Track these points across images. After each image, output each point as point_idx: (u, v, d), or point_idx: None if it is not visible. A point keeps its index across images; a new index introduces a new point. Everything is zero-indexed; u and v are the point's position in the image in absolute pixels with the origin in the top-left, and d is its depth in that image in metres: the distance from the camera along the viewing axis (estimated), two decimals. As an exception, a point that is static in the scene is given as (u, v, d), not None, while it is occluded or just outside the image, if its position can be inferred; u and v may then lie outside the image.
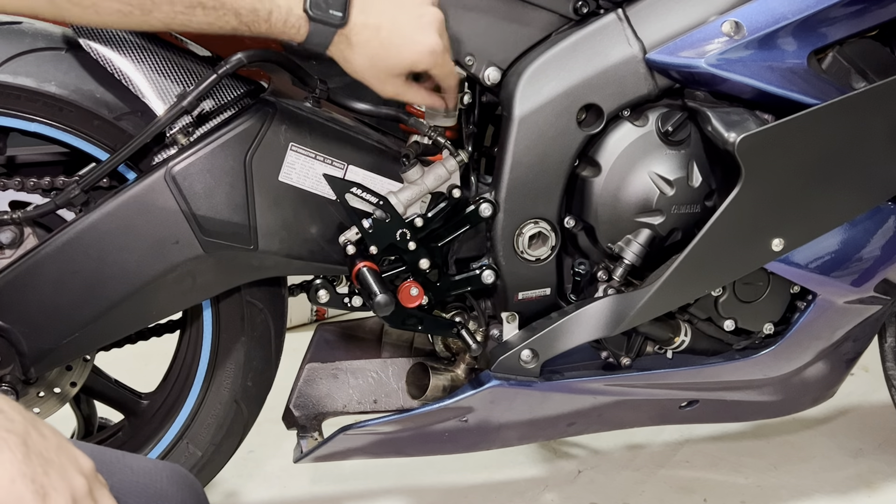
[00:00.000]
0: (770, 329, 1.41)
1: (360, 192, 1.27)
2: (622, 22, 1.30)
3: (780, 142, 1.24)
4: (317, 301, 1.34)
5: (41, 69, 1.24)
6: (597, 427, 1.49)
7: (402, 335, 1.51)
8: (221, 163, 1.23)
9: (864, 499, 1.74)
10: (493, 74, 1.30)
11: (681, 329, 1.39)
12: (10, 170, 1.34)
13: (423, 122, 1.30)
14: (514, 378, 1.33)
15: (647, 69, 1.29)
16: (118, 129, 1.26)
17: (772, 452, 1.87)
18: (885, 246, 1.37)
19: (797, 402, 1.54)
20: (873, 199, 1.34)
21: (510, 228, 1.31)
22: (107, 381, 1.48)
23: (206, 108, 1.25)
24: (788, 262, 1.33)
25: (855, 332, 1.46)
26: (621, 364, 1.40)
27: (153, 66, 1.24)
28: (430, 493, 1.73)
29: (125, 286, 1.24)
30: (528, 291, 1.34)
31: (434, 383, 1.41)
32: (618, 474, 1.78)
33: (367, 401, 1.48)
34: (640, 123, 1.30)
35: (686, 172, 1.31)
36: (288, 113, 1.26)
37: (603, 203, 1.31)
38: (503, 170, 1.29)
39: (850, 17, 1.29)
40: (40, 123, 1.26)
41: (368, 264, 1.27)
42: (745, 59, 1.25)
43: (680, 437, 1.90)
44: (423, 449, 1.43)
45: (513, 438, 1.45)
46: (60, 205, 1.24)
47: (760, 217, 1.27)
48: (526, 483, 1.75)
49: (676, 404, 1.47)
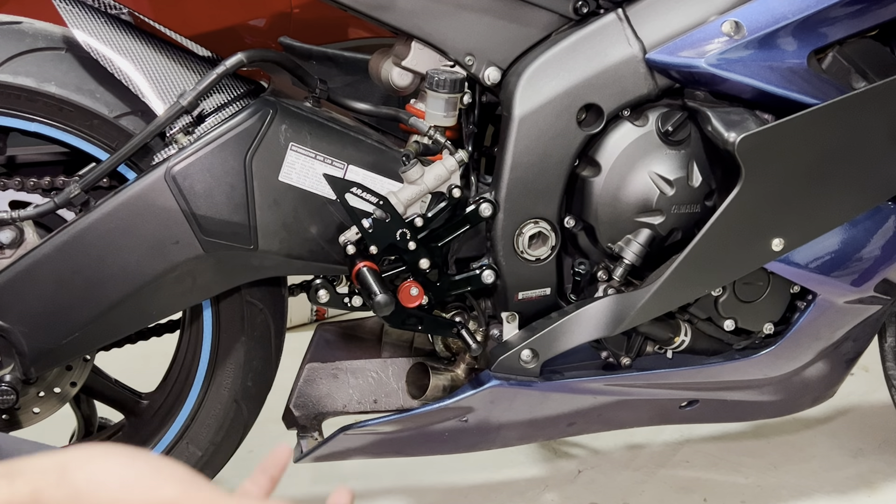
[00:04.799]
0: (770, 329, 1.41)
1: (360, 191, 1.27)
2: (622, 22, 1.30)
3: (780, 142, 1.24)
4: (317, 301, 1.34)
5: (41, 69, 1.24)
6: (597, 427, 1.49)
7: (402, 335, 1.51)
8: (221, 163, 1.23)
9: (864, 499, 1.74)
10: (493, 74, 1.30)
11: (681, 329, 1.39)
12: (10, 170, 1.34)
13: (423, 122, 1.30)
14: (514, 378, 1.33)
15: (647, 69, 1.29)
16: (118, 129, 1.26)
17: (772, 452, 1.87)
18: (885, 246, 1.37)
19: (797, 402, 1.54)
20: (873, 199, 1.34)
21: (510, 228, 1.31)
22: (107, 380, 1.48)
23: (206, 108, 1.25)
24: (788, 261, 1.33)
25: (855, 332, 1.46)
26: (621, 364, 1.40)
27: (153, 66, 1.24)
28: (430, 493, 1.73)
29: (125, 286, 1.24)
30: (528, 291, 1.34)
31: (434, 383, 1.41)
32: (618, 474, 1.78)
33: (367, 401, 1.48)
34: (640, 123, 1.30)
35: (686, 172, 1.31)
36: (288, 113, 1.26)
37: (603, 203, 1.31)
38: (503, 169, 1.29)
39: (850, 17, 1.29)
40: (40, 123, 1.26)
41: (368, 264, 1.27)
42: (745, 59, 1.25)
43: (680, 437, 1.90)
44: (423, 449, 1.43)
45: (513, 438, 1.45)
46: (60, 205, 1.24)
47: (760, 217, 1.27)
48: (526, 483, 1.75)
49: (676, 404, 1.47)
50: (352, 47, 1.66)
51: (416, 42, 1.30)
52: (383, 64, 1.36)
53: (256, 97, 1.28)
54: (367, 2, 1.25)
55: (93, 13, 1.25)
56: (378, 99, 1.34)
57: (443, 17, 1.27)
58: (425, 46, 1.30)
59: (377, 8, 1.26)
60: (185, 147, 1.23)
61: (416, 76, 1.33)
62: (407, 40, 1.31)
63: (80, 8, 1.25)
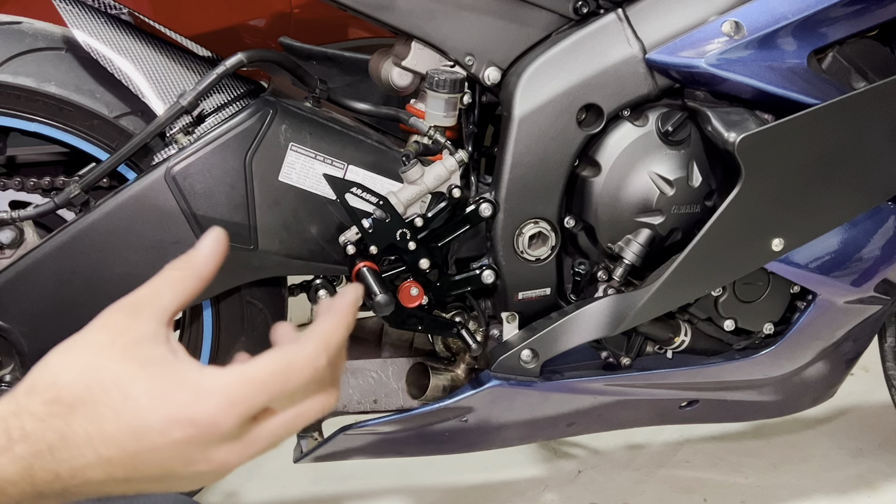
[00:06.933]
0: (770, 329, 1.41)
1: (360, 191, 1.27)
2: (622, 22, 1.30)
3: (780, 142, 1.24)
4: (317, 301, 1.34)
5: (41, 69, 1.24)
6: (597, 427, 1.49)
7: (402, 335, 1.51)
8: (221, 163, 1.23)
9: (864, 499, 1.74)
10: (493, 74, 1.30)
11: (681, 329, 1.39)
12: (10, 170, 1.34)
13: (423, 122, 1.30)
14: (514, 378, 1.33)
15: (647, 69, 1.29)
16: (118, 129, 1.26)
17: (772, 452, 1.87)
18: (885, 246, 1.37)
19: (797, 402, 1.54)
20: (873, 199, 1.33)
21: (510, 228, 1.31)
22: (107, 381, 1.48)
23: (206, 108, 1.25)
24: (788, 262, 1.33)
25: (855, 332, 1.46)
26: (621, 364, 1.40)
27: (153, 65, 1.24)
28: (430, 493, 1.73)
29: (125, 286, 1.23)
30: (528, 291, 1.34)
31: (434, 383, 1.40)
32: (618, 474, 1.78)
33: (367, 401, 1.48)
34: (640, 123, 1.30)
35: (686, 172, 1.31)
36: (288, 113, 1.26)
37: (603, 203, 1.31)
38: (503, 170, 1.29)
39: (850, 17, 1.29)
40: (40, 123, 1.26)
41: (368, 264, 1.27)
42: (745, 59, 1.25)
43: (680, 437, 1.90)
44: (423, 449, 1.43)
45: (513, 438, 1.45)
46: (60, 205, 1.24)
47: (760, 217, 1.27)
48: (526, 483, 1.75)
49: (676, 404, 1.47)
50: (352, 47, 1.67)
51: (416, 42, 1.30)
52: (383, 64, 1.36)
53: (256, 97, 1.28)
54: (367, 2, 1.25)
55: (93, 13, 1.25)
56: (378, 99, 1.34)
57: (443, 17, 1.27)
58: (425, 46, 1.30)
59: (377, 8, 1.26)
60: (185, 147, 1.23)
61: (416, 76, 1.33)
62: (407, 40, 1.31)
63: (80, 8, 1.25)
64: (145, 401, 0.58)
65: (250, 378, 0.60)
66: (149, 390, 0.58)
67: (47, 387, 0.58)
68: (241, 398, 0.59)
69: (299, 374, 0.61)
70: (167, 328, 0.62)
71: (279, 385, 0.60)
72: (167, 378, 0.59)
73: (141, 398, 0.58)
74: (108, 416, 0.57)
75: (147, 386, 0.58)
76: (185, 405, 0.58)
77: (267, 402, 0.60)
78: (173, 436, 0.57)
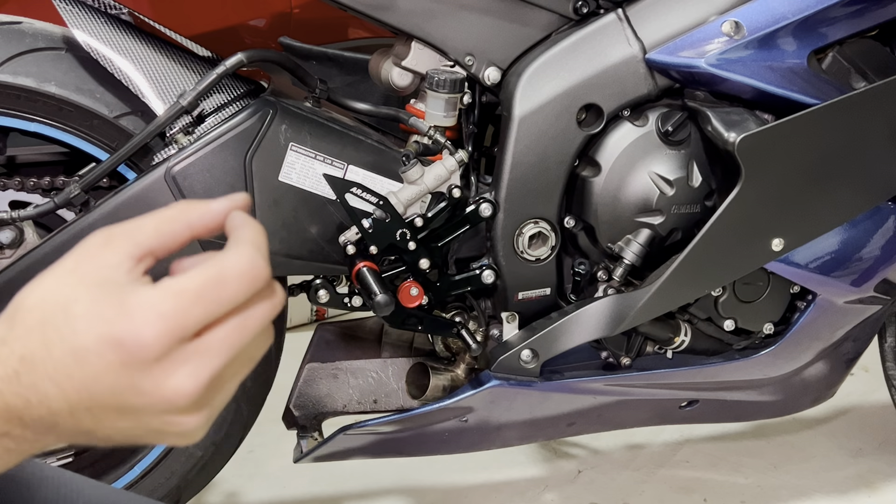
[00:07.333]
0: (770, 329, 1.41)
1: (360, 191, 1.27)
2: (622, 22, 1.30)
3: (780, 142, 1.24)
4: (317, 301, 1.34)
5: (41, 69, 1.24)
6: (597, 427, 1.49)
7: (402, 335, 1.51)
8: (221, 163, 1.23)
9: (864, 499, 1.74)
10: (493, 74, 1.30)
11: (681, 329, 1.39)
12: (10, 170, 1.34)
13: (422, 122, 1.30)
14: (514, 378, 1.33)
15: (647, 69, 1.29)
16: (118, 129, 1.26)
17: (772, 452, 1.87)
18: (885, 246, 1.37)
19: (797, 402, 1.54)
20: (873, 199, 1.34)
21: (510, 228, 1.31)
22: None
23: (206, 108, 1.25)
24: (788, 262, 1.33)
25: (855, 332, 1.46)
26: (621, 364, 1.40)
27: (153, 65, 1.24)
28: (430, 493, 1.73)
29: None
30: (528, 291, 1.34)
31: (434, 383, 1.41)
32: (618, 474, 1.78)
33: (367, 401, 1.48)
34: (640, 123, 1.30)
35: (686, 172, 1.31)
36: (288, 113, 1.26)
37: (603, 203, 1.31)
38: (503, 170, 1.29)
39: (850, 17, 1.29)
40: (40, 123, 1.26)
41: (368, 264, 1.27)
42: (745, 59, 1.25)
43: (680, 437, 1.90)
44: (423, 449, 1.43)
45: (513, 438, 1.45)
46: (60, 205, 1.24)
47: (760, 217, 1.27)
48: (526, 483, 1.75)
49: (676, 404, 1.47)
50: (352, 47, 1.66)
51: (416, 42, 1.30)
52: (383, 64, 1.36)
53: (256, 97, 1.28)
54: (367, 2, 1.25)
55: (93, 13, 1.25)
56: (378, 99, 1.34)
57: (443, 17, 1.27)
58: (425, 46, 1.30)
59: (377, 8, 1.26)
60: (185, 147, 1.23)
61: (416, 76, 1.33)
62: (407, 40, 1.31)
63: (80, 8, 1.25)
64: (81, 322, 0.55)
65: (182, 289, 0.55)
66: (85, 310, 0.55)
67: (13, 311, 0.56)
68: (170, 311, 0.54)
69: (236, 281, 0.57)
70: (137, 263, 0.58)
71: (214, 293, 0.56)
72: (104, 298, 0.55)
73: (78, 318, 0.55)
74: (54, 339, 0.55)
75: (84, 306, 0.55)
76: (111, 321, 0.54)
77: (204, 316, 0.56)
78: (108, 357, 0.54)
